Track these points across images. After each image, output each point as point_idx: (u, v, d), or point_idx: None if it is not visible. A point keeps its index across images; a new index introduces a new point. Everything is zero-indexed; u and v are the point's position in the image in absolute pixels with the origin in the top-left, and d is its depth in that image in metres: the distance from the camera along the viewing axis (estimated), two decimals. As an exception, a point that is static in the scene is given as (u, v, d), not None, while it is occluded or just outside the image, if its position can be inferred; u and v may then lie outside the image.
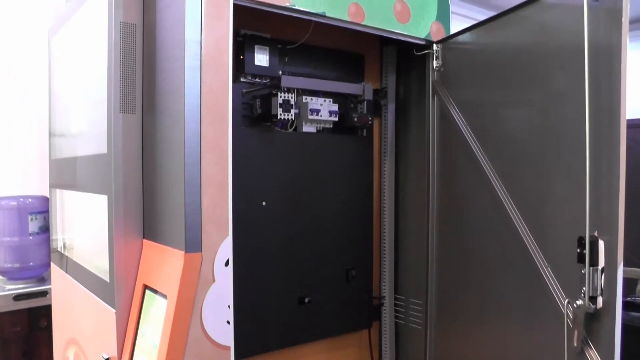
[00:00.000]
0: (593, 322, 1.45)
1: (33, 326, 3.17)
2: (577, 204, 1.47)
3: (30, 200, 2.94)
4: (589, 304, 1.42)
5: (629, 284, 3.97)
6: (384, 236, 2.41)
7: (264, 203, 2.01)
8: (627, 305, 1.55)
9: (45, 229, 2.91)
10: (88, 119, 1.97)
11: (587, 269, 1.42)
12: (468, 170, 1.96)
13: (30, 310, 3.08)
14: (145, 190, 1.71)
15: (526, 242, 1.67)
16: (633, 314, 3.19)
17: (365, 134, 2.34)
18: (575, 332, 1.48)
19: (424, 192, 2.18)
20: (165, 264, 1.57)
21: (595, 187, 1.44)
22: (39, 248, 2.98)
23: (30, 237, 2.95)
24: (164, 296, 1.54)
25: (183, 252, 1.49)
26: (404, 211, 2.39)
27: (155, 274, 1.63)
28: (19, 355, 3.16)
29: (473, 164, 1.92)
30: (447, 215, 2.10)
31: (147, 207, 1.71)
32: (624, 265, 1.44)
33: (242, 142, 1.95)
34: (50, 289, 2.74)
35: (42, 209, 2.92)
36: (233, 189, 1.58)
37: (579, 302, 1.44)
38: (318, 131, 2.19)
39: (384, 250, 2.41)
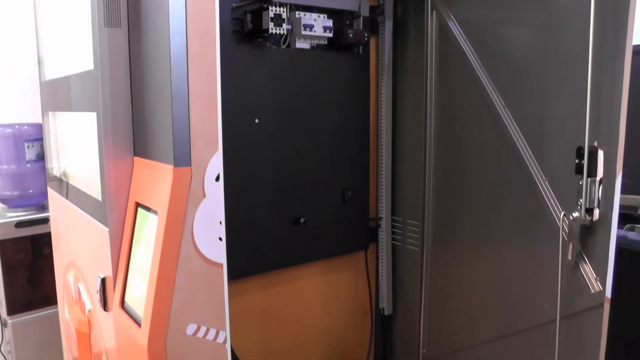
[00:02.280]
0: (588, 235, 1.44)
1: (36, 254, 3.21)
2: (577, 116, 1.43)
3: (25, 127, 2.91)
4: (585, 216, 1.40)
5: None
6: (381, 157, 2.37)
7: (256, 120, 1.97)
8: (623, 220, 1.51)
9: (42, 157, 2.89)
10: (74, 37, 1.91)
11: (584, 180, 1.39)
12: (467, 87, 1.91)
13: (32, 237, 3.11)
14: (135, 107, 1.67)
15: (524, 157, 1.64)
16: (631, 237, 3.20)
17: (361, 52, 2.26)
18: (570, 246, 1.47)
19: (422, 111, 2.13)
20: (156, 179, 1.55)
21: (596, 96, 1.39)
22: (37, 176, 2.98)
23: (28, 165, 2.94)
24: (155, 212, 1.53)
25: (172, 167, 1.46)
26: (402, 131, 2.35)
27: (146, 191, 1.61)
28: (24, 282, 3.21)
29: (472, 80, 1.86)
30: (445, 134, 2.06)
31: (137, 123, 1.67)
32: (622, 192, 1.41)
33: (233, 58, 1.89)
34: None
35: (38, 136, 2.90)
36: (224, 106, 1.54)
37: (575, 214, 1.42)
38: (312, 48, 2.11)
39: (381, 171, 2.38)
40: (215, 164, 1.53)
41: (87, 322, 2.05)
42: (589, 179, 1.38)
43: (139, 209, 1.64)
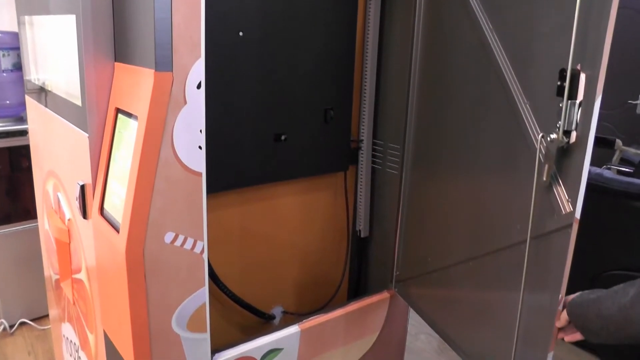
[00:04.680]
0: (564, 157, 1.46)
1: (15, 166, 3.19)
2: (563, 39, 1.42)
3: (0, 35, 2.83)
4: (563, 138, 1.42)
5: (606, 153, 4.05)
6: (365, 79, 2.35)
7: (240, 33, 1.93)
8: (598, 142, 1.53)
9: (19, 67, 2.82)
10: None
11: (564, 102, 1.40)
12: (455, 9, 1.88)
13: (10, 149, 3.09)
14: (116, 10, 1.63)
15: (508, 80, 1.64)
16: (606, 175, 3.28)
17: (351, -31, 2.20)
18: (546, 167, 1.49)
19: (409, 33, 2.10)
20: (136, 84, 1.53)
21: (583, 20, 1.38)
22: (14, 86, 2.92)
23: (4, 74, 2.88)
24: (136, 118, 1.51)
25: (153, 71, 1.44)
26: (387, 54, 2.32)
27: (126, 96, 1.59)
28: (2, 194, 3.21)
29: (461, 1, 1.83)
30: (431, 57, 2.04)
31: (118, 27, 1.63)
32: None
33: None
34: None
35: (14, 45, 2.82)
36: (208, 16, 1.50)
37: (553, 135, 1.44)
38: (300, -41, 2.05)
39: (365, 93, 2.36)
40: (197, 71, 1.51)
41: (67, 231, 2.07)
42: (569, 101, 1.39)
43: (119, 115, 1.63)
